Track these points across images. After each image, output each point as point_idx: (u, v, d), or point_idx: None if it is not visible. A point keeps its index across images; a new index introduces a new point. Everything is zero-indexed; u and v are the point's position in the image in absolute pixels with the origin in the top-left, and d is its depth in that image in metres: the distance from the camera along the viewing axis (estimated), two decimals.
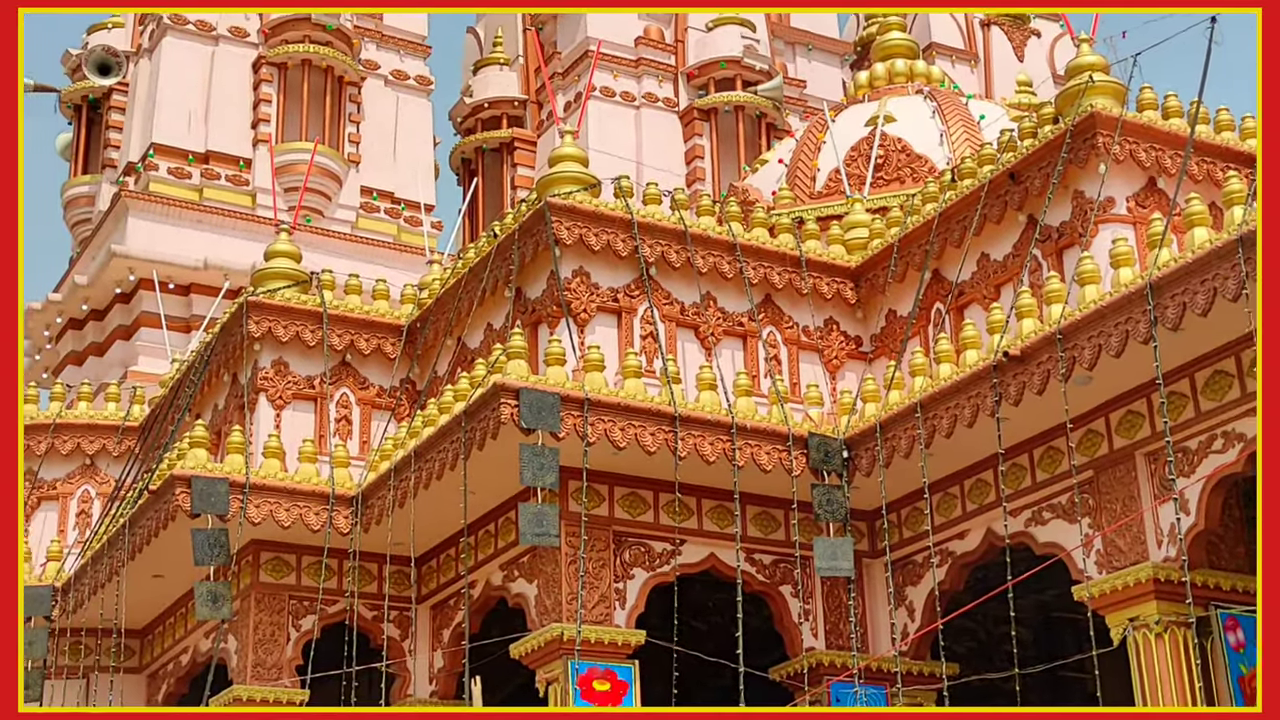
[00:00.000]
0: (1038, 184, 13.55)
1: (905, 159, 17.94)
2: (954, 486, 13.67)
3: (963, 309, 14.43)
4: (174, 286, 23.23)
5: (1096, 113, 13.07)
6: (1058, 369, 11.78)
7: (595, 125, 25.53)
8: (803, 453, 13.46)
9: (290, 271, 16.21)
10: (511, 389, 12.47)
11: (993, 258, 14.16)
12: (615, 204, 14.51)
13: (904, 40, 20.68)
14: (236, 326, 15.93)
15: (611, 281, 14.39)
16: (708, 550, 13.79)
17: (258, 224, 24.01)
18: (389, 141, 26.28)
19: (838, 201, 17.61)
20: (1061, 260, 13.38)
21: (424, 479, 13.49)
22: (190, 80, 25.01)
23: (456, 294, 15.48)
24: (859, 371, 15.11)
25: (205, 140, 24.76)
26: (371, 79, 26.44)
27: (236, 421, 15.64)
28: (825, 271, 15.37)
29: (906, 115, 18.54)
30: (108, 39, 26.51)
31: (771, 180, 18.89)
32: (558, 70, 26.71)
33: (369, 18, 26.80)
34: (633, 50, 26.56)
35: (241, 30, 25.59)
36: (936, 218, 14.55)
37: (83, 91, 26.46)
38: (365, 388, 16.10)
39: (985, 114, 18.65)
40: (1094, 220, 13.03)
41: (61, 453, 18.47)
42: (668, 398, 13.13)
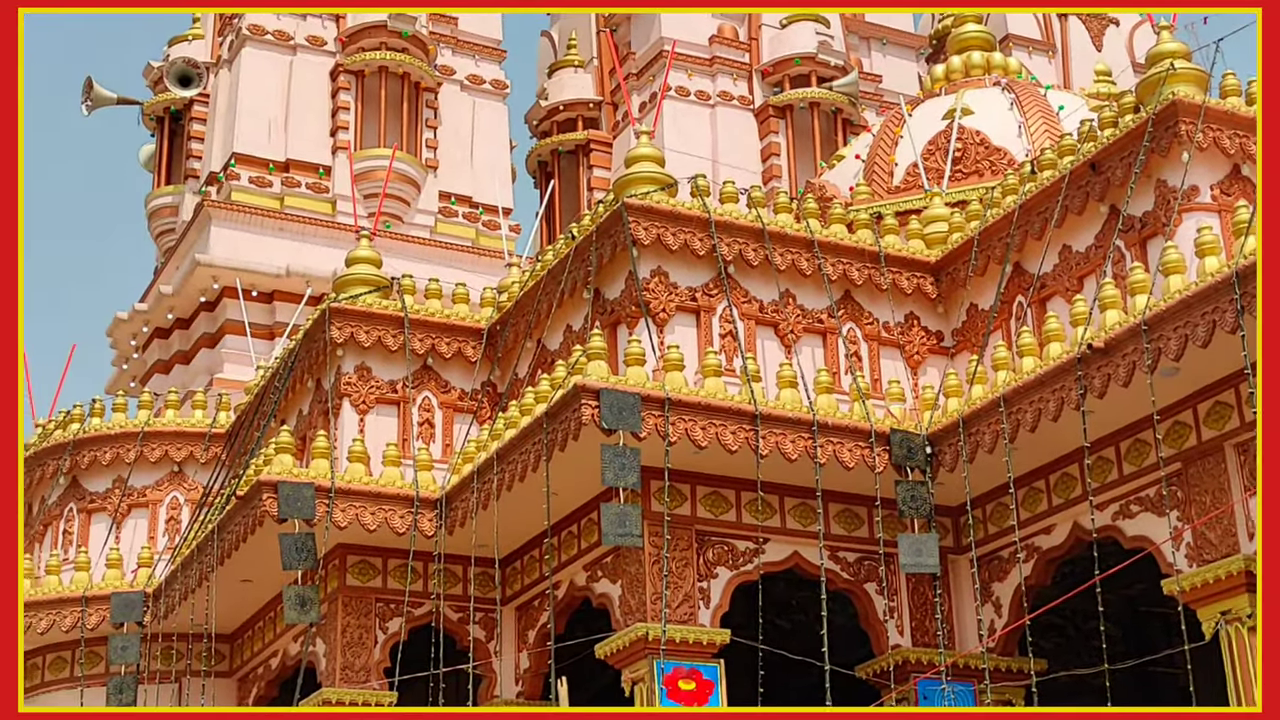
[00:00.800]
0: (1119, 174, 13.40)
1: (984, 152, 17.79)
2: (1039, 481, 13.54)
3: (1045, 302, 14.28)
4: (257, 294, 23.49)
5: (1178, 100, 12.90)
6: (1143, 360, 11.63)
7: (671, 125, 25.55)
8: (885, 449, 13.39)
9: (371, 277, 16.34)
10: (592, 390, 12.50)
11: (1075, 249, 14.01)
12: (692, 203, 14.50)
13: (980, 32, 20.50)
14: (319, 333, 16.09)
15: (690, 281, 14.38)
16: (791, 548, 13.75)
17: (338, 231, 24.24)
18: (466, 146, 26.44)
19: (916, 196, 17.49)
20: (1145, 250, 13.22)
21: (506, 481, 13.56)
22: (269, 90, 25.30)
23: (535, 296, 15.54)
24: (940, 366, 15.01)
25: (285, 149, 25.03)
26: (447, 84, 26.62)
27: (321, 427, 15.79)
28: (905, 266, 15.28)
29: (984, 108, 18.39)
30: (188, 51, 26.87)
31: (848, 176, 18.80)
32: (632, 71, 26.74)
33: (444, 23, 26.97)
34: (707, 49, 26.55)
35: (319, 39, 25.85)
36: (1017, 210, 14.43)
37: (164, 103, 26.82)
38: (447, 391, 16.20)
39: (1064, 104, 18.46)
40: (1177, 209, 12.86)
41: (150, 460, 18.73)
42: (748, 396, 13.10)
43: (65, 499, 18.86)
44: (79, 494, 18.82)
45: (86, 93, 26.91)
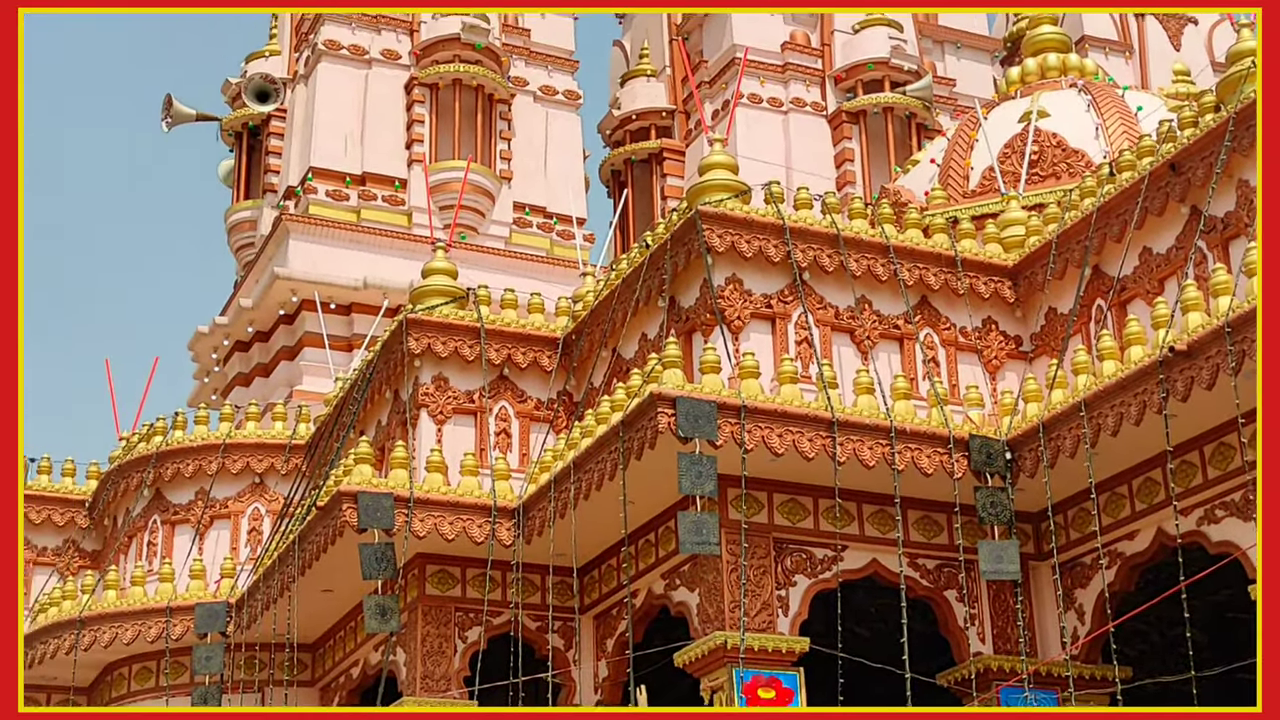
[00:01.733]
0: (1200, 174, 13.23)
1: (1061, 154, 17.62)
2: (1121, 486, 13.38)
3: (1125, 305, 14.13)
4: (335, 306, 23.70)
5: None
6: (1227, 363, 11.46)
7: (744, 132, 25.52)
8: (964, 455, 13.28)
9: (447, 288, 16.44)
10: (668, 398, 12.50)
11: (1155, 251, 13.85)
12: (766, 210, 14.47)
13: (1056, 34, 20.32)
14: (397, 344, 16.20)
15: (764, 288, 14.35)
16: (870, 556, 13.67)
17: (414, 243, 24.42)
18: (539, 157, 26.55)
19: (992, 200, 17.35)
20: (1227, 251, 13.04)
21: (584, 490, 13.58)
22: (345, 104, 25.54)
23: (610, 305, 15.57)
24: (1019, 371, 14.87)
25: (361, 162, 25.26)
26: (520, 95, 26.74)
27: (399, 437, 15.90)
28: (982, 271, 15.17)
29: (1060, 110, 18.22)
30: (265, 67, 27.18)
31: (924, 181, 18.68)
32: (704, 79, 26.75)
33: (517, 35, 27.11)
34: (779, 55, 26.51)
35: (394, 53, 26.06)
36: (1095, 212, 14.28)
37: (243, 119, 27.15)
38: (523, 400, 16.26)
39: (1142, 105, 18.25)
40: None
41: (231, 472, 18.94)
42: (824, 403, 13.05)
43: (149, 511, 19.11)
44: (163, 506, 19.06)
45: (166, 110, 27.30)
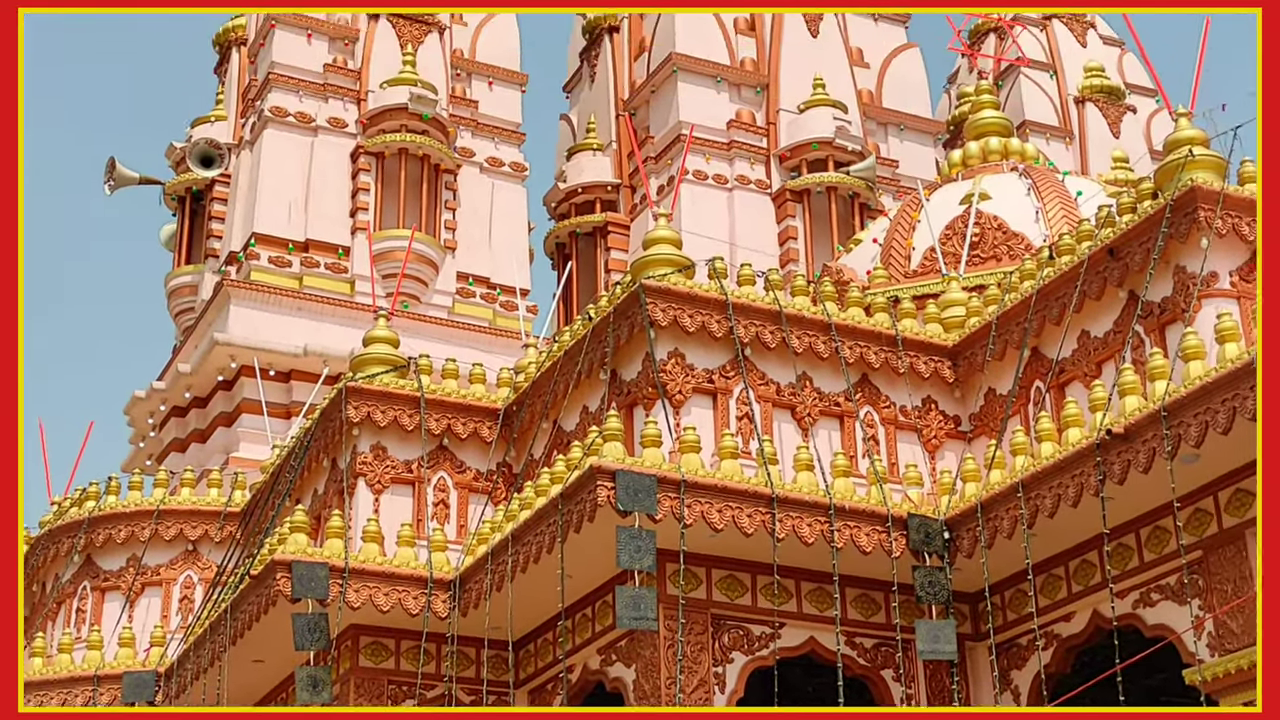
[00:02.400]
0: (1138, 259, 13.39)
1: (1001, 236, 17.81)
2: (1058, 567, 13.42)
3: (1063, 387, 14.23)
4: (274, 373, 23.55)
5: (1197, 187, 12.92)
6: (1163, 447, 11.56)
7: (688, 208, 25.65)
8: (903, 534, 13.29)
9: (388, 357, 16.36)
10: (608, 471, 12.46)
11: (1093, 335, 13.98)
12: (709, 285, 14.52)
13: (998, 118, 20.60)
14: (336, 412, 16.09)
15: (707, 363, 14.37)
16: (807, 633, 13.62)
17: (356, 311, 24.33)
18: (484, 227, 26.59)
19: (933, 280, 17.50)
20: (1164, 336, 13.18)
21: (521, 562, 13.48)
22: (290, 171, 25.50)
23: (552, 377, 15.53)
24: (958, 451, 14.93)
25: (305, 229, 25.20)
26: (467, 166, 26.81)
27: (336, 506, 15.75)
28: (922, 350, 15.26)
29: (1002, 192, 18.44)
30: (211, 132, 27.13)
31: (866, 260, 18.82)
32: (651, 154, 26.90)
33: (465, 106, 27.21)
34: (724, 133, 26.71)
35: (340, 121, 26.08)
36: (1035, 295, 14.41)
37: (186, 183, 27.04)
38: (462, 471, 16.16)
39: (1082, 190, 18.50)
40: (1197, 295, 12.84)
41: (165, 539, 18.70)
42: (764, 479, 13.04)
43: (79, 577, 18.82)
44: (93, 572, 18.79)
45: (109, 173, 27.16)
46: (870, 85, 28.03)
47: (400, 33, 26.79)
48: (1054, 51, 30.38)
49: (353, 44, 26.76)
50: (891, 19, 28.83)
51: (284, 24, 26.42)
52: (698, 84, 26.86)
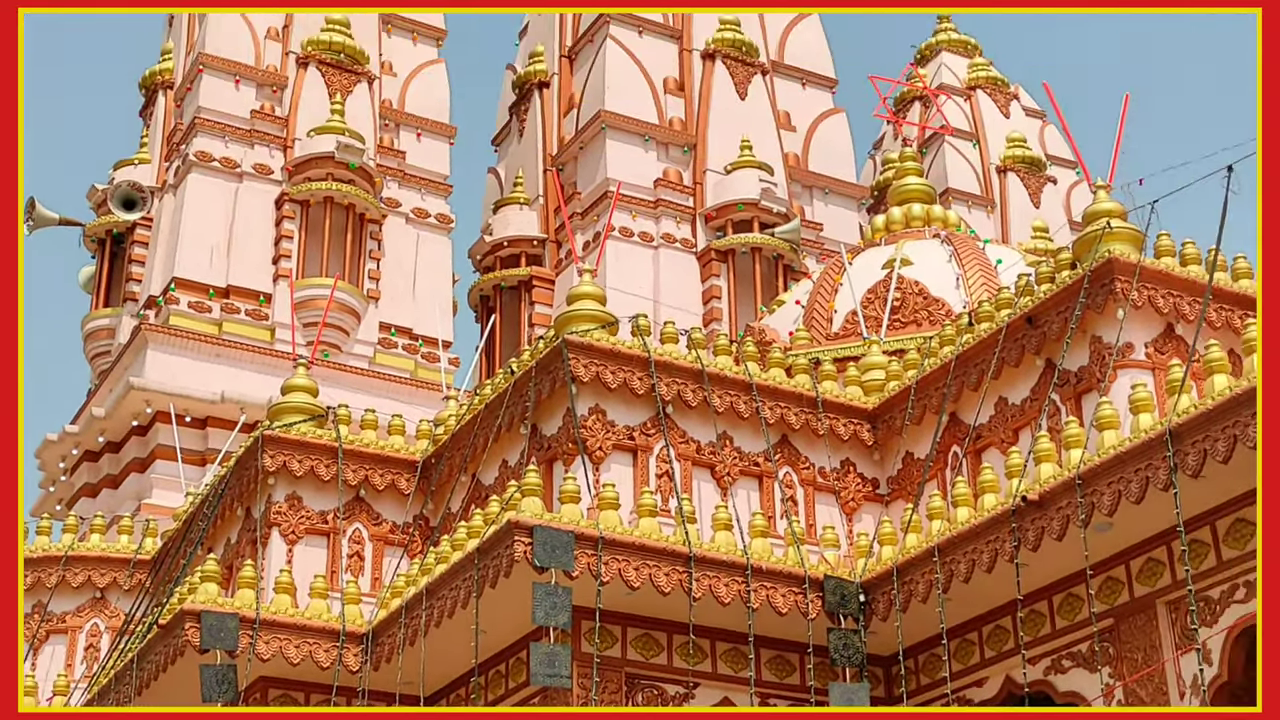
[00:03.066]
0: (1055, 328, 13.55)
1: (922, 302, 17.98)
2: (972, 633, 13.48)
3: (980, 452, 14.35)
4: (190, 420, 23.27)
5: (1114, 258, 13.11)
6: (1077, 515, 11.67)
7: (613, 264, 25.69)
8: (819, 596, 13.31)
9: (307, 406, 16.22)
10: (525, 526, 12.39)
11: (1010, 401, 14.12)
12: (632, 342, 14.52)
13: (921, 185, 20.84)
14: (251, 460, 15.90)
15: (628, 420, 14.36)
16: (722, 694, 13.57)
17: (276, 359, 24.12)
18: (409, 278, 26.50)
19: (854, 343, 17.62)
20: (1080, 405, 13.33)
21: (435, 617, 13.35)
22: (213, 216, 25.31)
23: (472, 430, 15.46)
24: (876, 514, 14.99)
25: (226, 275, 24.99)
26: (393, 216, 26.74)
27: (248, 556, 15.54)
28: (842, 413, 15.33)
29: (923, 259, 18.62)
30: (134, 175, 26.90)
31: (788, 321, 18.92)
32: (577, 210, 26.96)
33: (392, 156, 27.17)
34: (651, 191, 26.83)
35: (266, 168, 25.94)
36: (954, 361, 14.54)
37: (107, 226, 26.77)
38: (379, 523, 16.01)
39: (1002, 259, 18.72)
40: (1112, 366, 13.01)
41: (72, 585, 18.36)
42: (683, 537, 13.02)
43: None
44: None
45: (29, 212, 26.81)
46: (797, 148, 28.29)
47: (329, 81, 26.74)
48: (978, 121, 30.84)
49: (281, 91, 26.67)
50: (819, 83, 29.13)
51: (212, 69, 26.30)
52: (626, 142, 26.99)
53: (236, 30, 26.81)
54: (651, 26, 27.96)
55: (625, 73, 27.31)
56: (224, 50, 26.53)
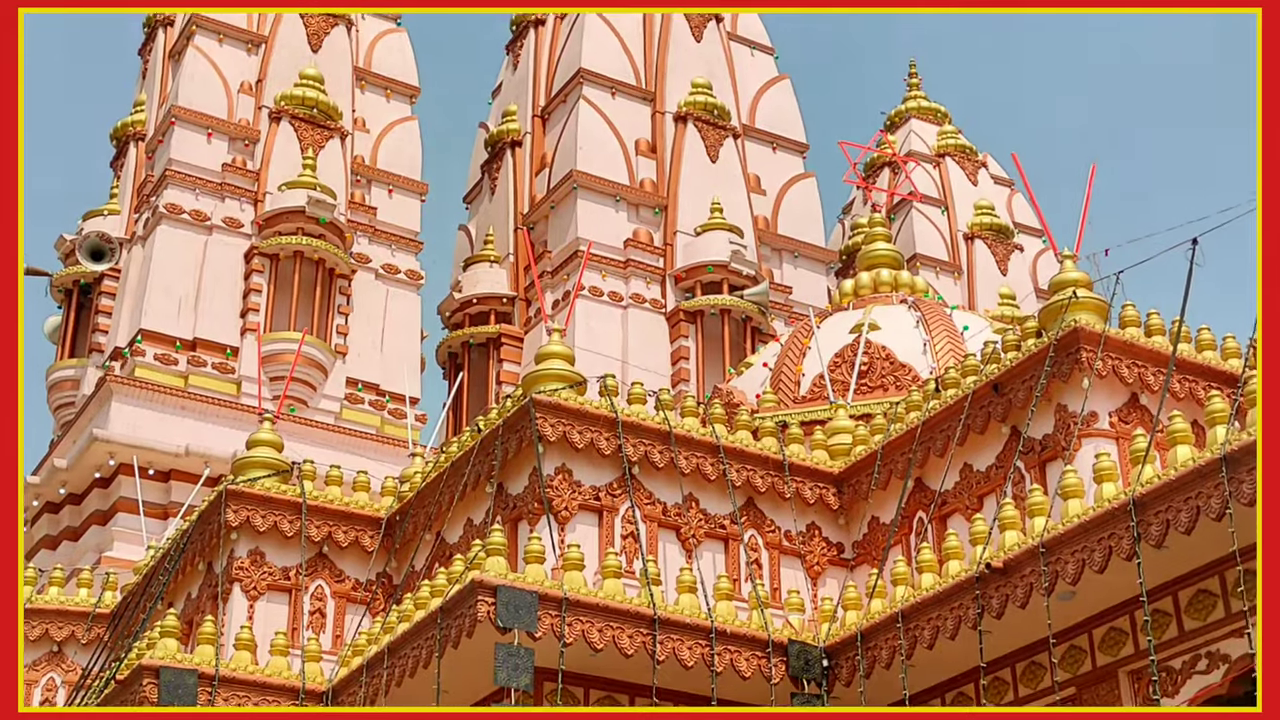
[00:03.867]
0: (1021, 396, 13.62)
1: (889, 367, 18.04)
2: (935, 699, 13.45)
3: (945, 518, 14.37)
4: (154, 472, 23.11)
5: (1080, 328, 13.20)
6: (1040, 583, 11.69)
7: (582, 324, 25.73)
8: (783, 660, 13.26)
9: (271, 461, 16.14)
10: (489, 586, 12.33)
11: (976, 468, 14.16)
12: (600, 402, 14.53)
13: (889, 251, 20.97)
14: (214, 515, 15.80)
15: (594, 480, 14.34)
16: None
17: (241, 412, 24.01)
18: (377, 334, 26.46)
19: (822, 407, 17.65)
20: (1044, 473, 13.38)
21: (397, 676, 13.25)
22: (182, 268, 25.26)
23: (437, 488, 15.40)
24: (841, 578, 14.98)
25: (194, 328, 24.90)
26: (362, 272, 26.74)
27: (209, 611, 15.41)
28: (808, 476, 15.34)
29: (891, 324, 18.70)
30: (103, 225, 26.85)
31: (756, 383, 18.96)
32: (547, 269, 27.01)
33: (363, 212, 27.20)
34: (621, 251, 26.92)
35: (236, 221, 25.92)
36: (920, 426, 14.58)
37: (75, 276, 26.67)
38: (341, 580, 15.91)
39: (969, 325, 18.82)
40: (1077, 434, 13.07)
41: (29, 638, 18.13)
42: (647, 599, 12.97)
43: None
44: None
45: None
46: (766, 212, 28.45)
47: (302, 136, 26.78)
48: (946, 188, 31.09)
49: (253, 145, 26.70)
50: (789, 148, 29.34)
51: (184, 121, 26.32)
52: (597, 202, 27.09)
53: (210, 83, 26.86)
54: (624, 88, 28.14)
55: (597, 133, 27.45)
56: (197, 103, 26.56)
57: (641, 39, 28.86)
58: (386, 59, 29.13)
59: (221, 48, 27.35)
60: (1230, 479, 10.51)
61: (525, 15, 30.02)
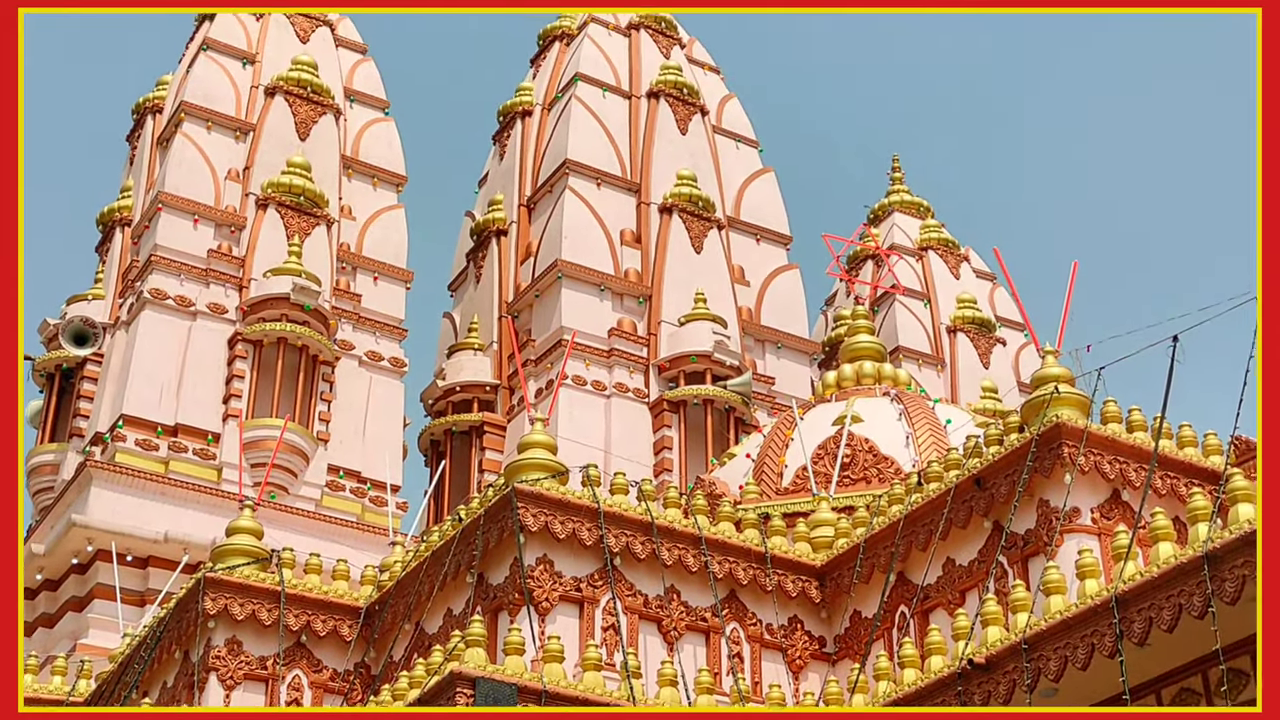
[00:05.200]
0: (1003, 491, 13.62)
1: (872, 459, 18.05)
2: None
3: (928, 613, 14.31)
4: (132, 559, 22.95)
5: (1062, 424, 13.23)
6: (1023, 680, 11.62)
7: (565, 413, 25.71)
8: None
9: (250, 548, 16.05)
10: (468, 678, 12.23)
11: (958, 563, 14.13)
12: (582, 492, 14.50)
13: (872, 343, 21.05)
14: (192, 603, 15.68)
15: (575, 571, 14.27)
16: None
17: (222, 499, 23.88)
18: (359, 421, 26.40)
19: (804, 499, 17.63)
20: (1027, 568, 13.35)
21: None
22: (165, 353, 25.22)
23: (417, 577, 15.31)
24: (822, 673, 14.89)
25: (176, 413, 24.83)
26: (346, 359, 26.73)
27: (185, 701, 15.25)
28: (790, 569, 15.29)
29: (874, 416, 18.74)
30: (87, 310, 26.84)
31: (739, 474, 18.94)
32: (531, 357, 27.04)
33: (348, 299, 27.23)
34: (605, 341, 26.96)
35: (220, 307, 25.93)
36: (902, 520, 14.57)
37: (57, 360, 26.62)
38: (319, 670, 15.77)
39: (951, 418, 18.86)
40: (1059, 530, 13.06)
41: None
42: (627, 693, 12.87)
43: None
44: None
45: None
46: (750, 303, 28.55)
47: (288, 223, 26.87)
48: (929, 281, 31.26)
49: (239, 231, 26.78)
50: (773, 240, 29.52)
51: (171, 207, 26.40)
52: (581, 291, 27.18)
53: (197, 170, 26.97)
54: (610, 179, 28.33)
55: (583, 223, 27.59)
56: (184, 189, 26.66)
57: (627, 131, 29.11)
58: (374, 148, 29.31)
59: (210, 135, 27.50)
60: (1213, 577, 10.51)
61: (512, 106, 30.29)
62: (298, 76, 28.30)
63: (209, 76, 28.09)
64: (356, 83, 29.90)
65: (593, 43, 30.00)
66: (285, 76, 28.23)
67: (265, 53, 28.91)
